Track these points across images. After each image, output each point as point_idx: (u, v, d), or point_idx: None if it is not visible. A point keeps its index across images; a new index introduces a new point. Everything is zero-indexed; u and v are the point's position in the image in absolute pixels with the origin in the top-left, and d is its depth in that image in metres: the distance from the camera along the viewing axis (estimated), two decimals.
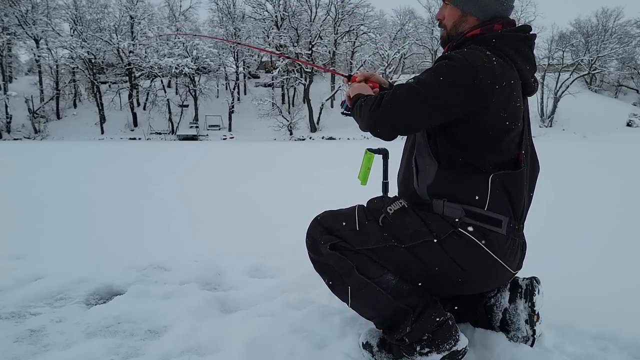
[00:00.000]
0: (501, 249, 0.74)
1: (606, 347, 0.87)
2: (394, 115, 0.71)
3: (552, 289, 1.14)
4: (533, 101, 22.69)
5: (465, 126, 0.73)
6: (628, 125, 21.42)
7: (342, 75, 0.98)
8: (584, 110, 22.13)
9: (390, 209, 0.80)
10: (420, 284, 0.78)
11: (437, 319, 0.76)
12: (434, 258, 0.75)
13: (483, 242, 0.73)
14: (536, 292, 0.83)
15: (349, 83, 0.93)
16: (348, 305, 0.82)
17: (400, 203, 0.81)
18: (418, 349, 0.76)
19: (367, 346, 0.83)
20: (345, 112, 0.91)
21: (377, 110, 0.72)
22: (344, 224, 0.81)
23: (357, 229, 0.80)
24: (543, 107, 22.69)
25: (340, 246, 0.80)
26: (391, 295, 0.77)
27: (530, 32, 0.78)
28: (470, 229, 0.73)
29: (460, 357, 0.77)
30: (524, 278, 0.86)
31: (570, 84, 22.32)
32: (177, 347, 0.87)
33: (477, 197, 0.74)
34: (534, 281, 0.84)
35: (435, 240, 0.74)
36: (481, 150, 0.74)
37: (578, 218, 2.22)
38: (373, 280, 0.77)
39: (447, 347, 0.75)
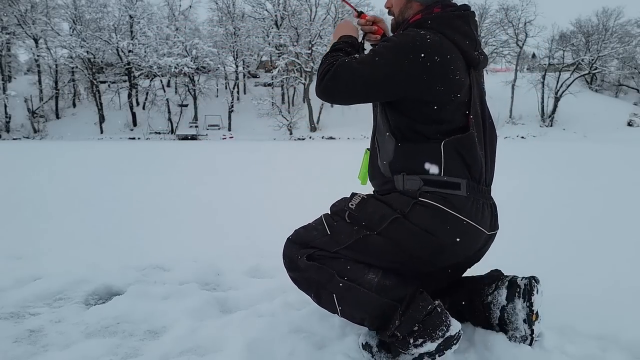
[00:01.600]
0: (464, 208, 0.77)
1: (607, 347, 0.86)
2: (334, 89, 0.78)
3: (552, 289, 1.14)
4: (533, 101, 22.75)
5: (407, 100, 0.78)
6: (629, 125, 21.41)
7: (354, 9, 0.98)
8: (584, 109, 22.13)
9: (352, 204, 0.82)
10: (402, 266, 0.80)
11: (426, 308, 0.76)
12: (405, 233, 0.77)
13: (444, 205, 0.76)
14: (535, 292, 0.83)
15: (358, 20, 0.95)
16: (338, 315, 0.81)
17: (359, 196, 0.84)
18: (412, 341, 0.75)
19: (366, 347, 0.83)
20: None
21: (321, 83, 0.79)
22: (315, 233, 0.83)
23: (329, 232, 0.82)
24: (543, 106, 22.69)
25: (317, 256, 0.81)
26: (376, 293, 0.77)
27: (469, 10, 0.83)
28: (429, 195, 0.77)
29: (455, 342, 0.76)
30: (523, 277, 0.86)
31: (571, 83, 22.32)
32: (177, 348, 0.87)
33: (432, 165, 0.78)
34: (533, 280, 0.84)
35: (401, 216, 0.77)
36: (426, 120, 0.79)
37: (578, 218, 2.22)
38: (355, 283, 0.78)
39: (440, 334, 0.75)
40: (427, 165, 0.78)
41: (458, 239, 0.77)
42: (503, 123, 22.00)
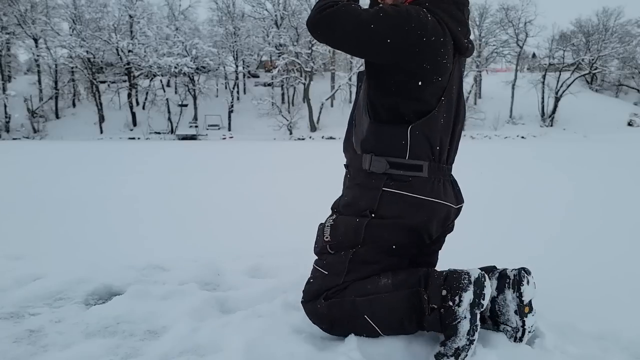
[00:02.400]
0: (425, 188, 0.82)
1: (607, 347, 0.86)
2: (329, 26, 0.76)
3: (553, 289, 1.14)
4: (534, 101, 22.74)
5: (393, 72, 0.79)
6: (629, 124, 21.41)
7: None
8: (584, 109, 22.12)
9: (327, 236, 0.87)
10: (398, 259, 0.85)
11: (441, 274, 0.80)
12: (382, 229, 0.82)
13: (407, 190, 0.81)
14: (524, 283, 0.83)
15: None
16: (380, 334, 0.83)
17: (328, 225, 0.87)
18: (451, 304, 0.76)
19: (438, 355, 0.78)
20: None
21: (317, 15, 0.76)
22: (317, 281, 0.87)
23: (326, 272, 0.85)
24: (544, 106, 22.68)
25: (330, 295, 0.84)
26: (396, 291, 0.80)
27: None
28: (393, 184, 0.82)
29: (484, 282, 0.78)
30: (513, 269, 0.87)
31: (571, 83, 22.32)
32: (177, 348, 0.87)
33: (398, 148, 0.82)
34: (522, 271, 0.85)
35: (371, 218, 0.82)
36: (405, 96, 0.80)
37: (578, 217, 2.22)
38: (375, 293, 0.81)
39: (466, 282, 0.77)
40: (394, 148, 0.82)
41: (426, 218, 0.83)
42: (503, 123, 22.01)
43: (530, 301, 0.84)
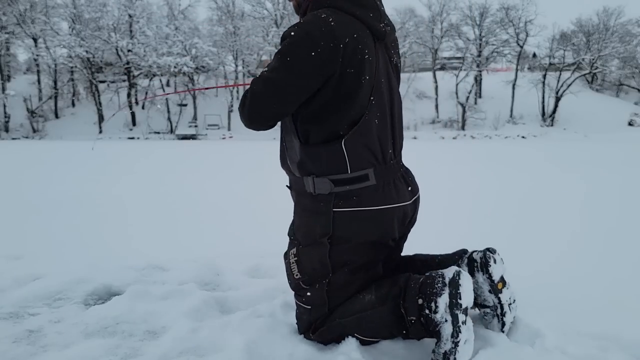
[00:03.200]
0: (375, 197, 0.79)
1: (607, 347, 0.86)
2: (258, 108, 0.75)
3: (553, 289, 1.14)
4: (534, 101, 22.71)
5: (322, 93, 0.75)
6: (630, 124, 21.39)
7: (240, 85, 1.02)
8: (585, 109, 22.09)
9: (296, 274, 0.85)
10: (373, 268, 0.84)
11: (417, 282, 0.79)
12: (347, 250, 0.81)
13: (358, 205, 0.78)
14: (491, 263, 0.84)
15: None
16: (379, 339, 0.84)
17: (292, 261, 0.85)
18: (428, 312, 0.74)
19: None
20: None
21: (243, 109, 0.77)
22: (304, 317, 0.86)
23: (309, 307, 0.85)
24: (544, 106, 22.67)
25: (317, 327, 0.85)
26: (380, 306, 0.80)
27: None
28: (342, 203, 0.78)
29: (459, 279, 0.76)
30: (479, 251, 0.88)
31: (572, 83, 22.27)
32: (176, 348, 0.86)
33: (338, 165, 0.78)
34: (487, 252, 0.86)
35: (330, 242, 0.80)
36: (338, 113, 0.76)
37: (579, 217, 2.22)
38: (361, 312, 0.81)
39: (439, 285, 0.75)
40: (334, 166, 0.78)
41: (385, 226, 0.81)
42: (503, 123, 21.98)
43: (501, 277, 0.86)
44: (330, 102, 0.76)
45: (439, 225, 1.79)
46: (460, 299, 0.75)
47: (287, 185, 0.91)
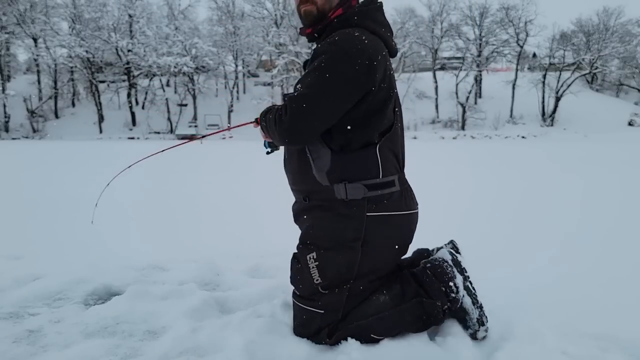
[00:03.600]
0: (400, 202, 0.86)
1: (607, 347, 0.86)
2: (300, 126, 0.76)
3: (553, 289, 1.14)
4: (534, 101, 22.70)
5: (359, 105, 0.79)
6: (630, 124, 21.39)
7: (250, 122, 1.02)
8: (585, 109, 22.09)
9: (316, 278, 0.85)
10: (390, 272, 0.88)
11: (426, 273, 0.87)
12: (375, 255, 0.85)
13: (388, 210, 0.83)
14: (460, 251, 0.96)
15: (259, 126, 0.95)
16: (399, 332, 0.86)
17: (313, 265, 0.86)
18: (454, 296, 0.84)
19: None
20: (269, 150, 0.97)
21: (281, 126, 0.78)
22: (318, 321, 0.86)
23: (322, 311, 0.85)
24: (544, 106, 22.66)
25: (332, 331, 0.85)
26: (396, 305, 0.84)
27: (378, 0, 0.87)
28: (374, 207, 0.83)
29: (457, 257, 0.90)
30: (447, 243, 0.99)
31: (572, 83, 22.27)
32: (176, 348, 0.86)
33: (372, 170, 0.82)
34: (453, 242, 0.97)
35: (362, 247, 0.83)
36: (372, 123, 0.81)
37: (578, 217, 2.22)
38: (377, 314, 0.84)
39: (449, 268, 0.86)
40: (367, 171, 0.82)
41: (408, 230, 0.89)
42: (504, 123, 21.96)
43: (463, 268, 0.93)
44: (367, 114, 0.80)
45: (438, 223, 1.79)
46: (466, 272, 0.89)
47: (304, 198, 0.89)
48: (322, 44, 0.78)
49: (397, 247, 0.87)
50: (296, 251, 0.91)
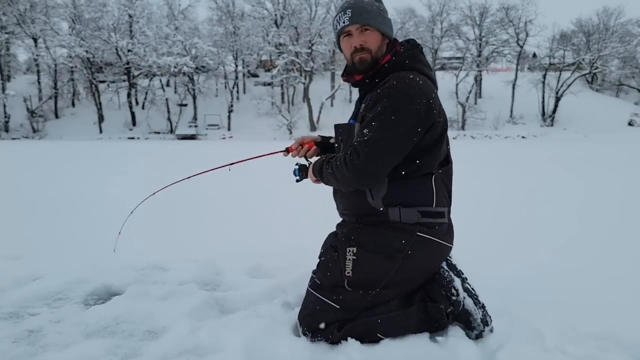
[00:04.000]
0: (446, 235, 0.91)
1: (607, 347, 0.86)
2: (372, 168, 0.82)
3: (553, 289, 1.14)
4: (534, 101, 22.71)
5: (423, 140, 0.85)
6: (629, 124, 21.40)
7: (280, 151, 1.09)
8: (585, 109, 22.09)
9: (348, 271, 0.87)
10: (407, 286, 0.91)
11: (430, 280, 0.91)
12: (409, 274, 0.88)
13: (436, 236, 0.89)
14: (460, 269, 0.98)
15: (290, 154, 1.05)
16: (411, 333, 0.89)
17: (350, 259, 0.88)
18: (455, 299, 0.87)
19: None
20: (299, 178, 1.01)
21: (353, 172, 0.83)
22: (332, 314, 0.87)
23: (338, 307, 0.87)
24: (544, 106, 22.66)
25: (342, 325, 0.86)
26: (405, 308, 0.87)
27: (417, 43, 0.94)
28: (426, 230, 0.88)
29: (451, 260, 0.96)
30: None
31: (572, 83, 22.28)
32: (176, 348, 0.86)
33: (427, 198, 0.88)
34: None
35: (402, 259, 0.86)
36: (433, 154, 0.87)
37: (578, 217, 2.22)
38: (386, 314, 0.86)
39: (446, 273, 0.90)
40: (422, 199, 0.87)
41: (441, 260, 0.93)
42: (504, 123, 21.97)
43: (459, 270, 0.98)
44: (429, 146, 0.86)
45: None
46: (463, 273, 0.93)
47: (356, 220, 0.93)
48: (382, 88, 0.84)
49: (427, 271, 0.91)
50: (335, 244, 0.92)
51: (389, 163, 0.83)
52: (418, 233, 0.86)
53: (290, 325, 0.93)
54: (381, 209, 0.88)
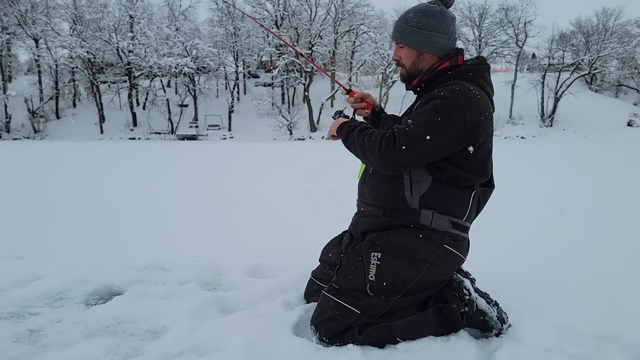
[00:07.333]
0: (465, 250, 0.93)
1: (607, 347, 0.86)
2: (397, 159, 0.82)
3: (553, 289, 1.14)
4: (533, 101, 22.73)
5: (464, 153, 0.85)
6: (629, 125, 21.40)
7: (343, 87, 1.08)
8: (584, 110, 22.11)
9: (371, 275, 0.87)
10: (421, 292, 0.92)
11: (456, 289, 0.92)
12: (428, 283, 0.89)
13: (459, 250, 0.90)
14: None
15: (347, 95, 1.05)
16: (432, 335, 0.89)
17: (374, 263, 0.87)
18: (468, 298, 0.89)
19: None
20: (335, 118, 1.00)
21: (385, 154, 0.82)
22: (351, 320, 0.86)
23: (359, 312, 0.86)
24: (543, 106, 22.67)
25: (362, 329, 0.86)
26: (423, 310, 0.88)
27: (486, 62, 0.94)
28: (453, 243, 0.89)
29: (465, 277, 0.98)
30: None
31: (571, 83, 22.29)
32: (177, 348, 0.87)
33: (461, 210, 0.88)
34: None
35: (426, 269, 0.87)
36: (475, 172, 0.87)
37: (578, 217, 2.22)
38: (407, 318, 0.87)
39: (456, 280, 0.92)
40: (457, 209, 0.88)
41: (452, 272, 0.94)
42: (503, 123, 21.98)
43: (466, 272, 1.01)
44: (480, 162, 0.87)
45: None
46: (470, 274, 0.97)
47: (382, 214, 0.91)
48: (440, 89, 0.84)
49: (443, 281, 0.92)
50: (359, 247, 0.92)
51: (416, 161, 0.82)
52: (445, 245, 0.87)
53: (291, 325, 0.93)
54: (416, 207, 0.86)
